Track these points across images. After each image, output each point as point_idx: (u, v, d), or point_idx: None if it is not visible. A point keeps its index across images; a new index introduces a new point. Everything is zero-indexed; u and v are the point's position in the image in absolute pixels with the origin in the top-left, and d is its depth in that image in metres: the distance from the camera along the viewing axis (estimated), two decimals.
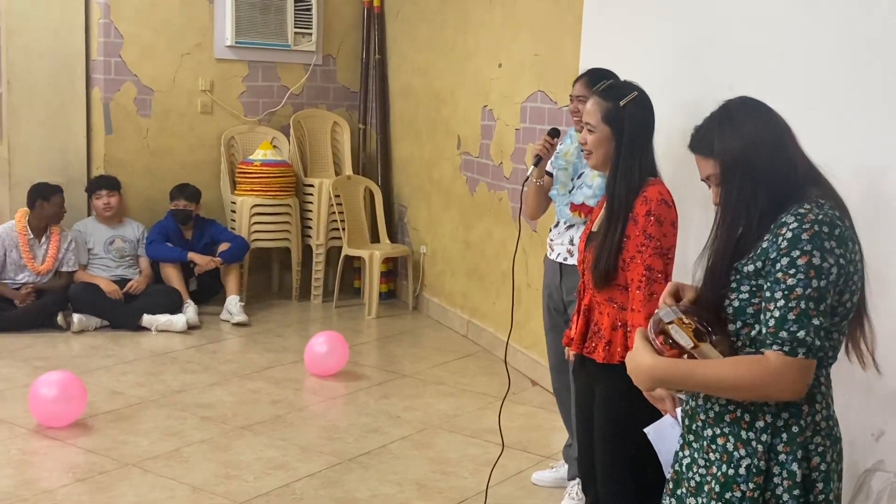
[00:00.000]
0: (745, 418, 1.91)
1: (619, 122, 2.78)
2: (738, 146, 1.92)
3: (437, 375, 5.46)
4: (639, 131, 2.80)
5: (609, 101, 2.81)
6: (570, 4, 4.90)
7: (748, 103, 1.99)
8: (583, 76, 3.54)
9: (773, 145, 1.91)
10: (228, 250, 6.50)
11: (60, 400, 4.37)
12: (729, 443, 1.93)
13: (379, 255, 6.71)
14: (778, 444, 1.89)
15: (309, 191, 7.06)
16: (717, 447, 1.95)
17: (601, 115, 2.81)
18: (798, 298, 1.79)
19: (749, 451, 1.91)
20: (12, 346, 5.62)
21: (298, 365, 5.49)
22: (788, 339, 1.79)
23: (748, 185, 1.90)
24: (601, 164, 2.86)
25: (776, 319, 1.81)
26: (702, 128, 2.01)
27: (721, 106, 2.00)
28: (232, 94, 7.01)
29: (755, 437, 1.90)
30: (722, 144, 1.94)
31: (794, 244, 1.81)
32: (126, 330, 6.03)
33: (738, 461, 1.91)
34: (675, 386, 1.95)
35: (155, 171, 6.71)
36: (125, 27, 6.54)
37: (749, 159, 1.90)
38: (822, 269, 1.80)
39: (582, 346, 2.94)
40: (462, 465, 4.17)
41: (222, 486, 3.86)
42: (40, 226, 6.09)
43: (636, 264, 2.71)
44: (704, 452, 1.98)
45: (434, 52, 6.59)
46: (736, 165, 1.91)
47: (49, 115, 6.48)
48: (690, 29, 3.89)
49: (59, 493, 3.74)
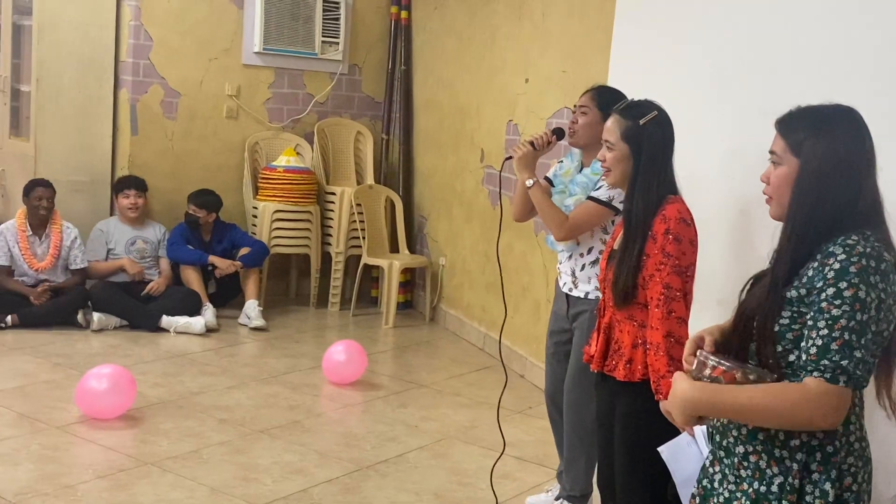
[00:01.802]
0: (780, 436, 1.92)
1: (638, 141, 2.80)
2: (825, 158, 1.91)
3: (453, 387, 5.48)
4: (657, 150, 2.81)
5: (629, 119, 2.83)
6: (600, 22, 4.93)
7: (853, 119, 1.96)
8: (591, 90, 3.57)
9: (854, 169, 1.91)
10: (248, 255, 6.53)
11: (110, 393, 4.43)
12: (762, 460, 1.94)
13: (398, 265, 6.74)
14: (812, 463, 1.90)
15: (330, 198, 7.09)
16: (749, 464, 1.96)
17: (620, 132, 2.83)
18: (842, 330, 1.80)
19: (782, 469, 1.91)
20: (33, 342, 5.66)
21: (316, 371, 5.51)
22: (831, 366, 1.80)
23: (817, 196, 1.90)
24: (620, 182, 2.88)
25: (818, 348, 1.82)
26: (799, 119, 1.97)
27: (827, 108, 1.97)
28: (258, 99, 7.06)
29: (789, 455, 1.91)
30: (811, 149, 1.92)
31: (842, 276, 1.82)
32: (145, 330, 6.07)
33: (771, 479, 1.92)
34: (710, 410, 1.94)
35: (178, 174, 6.76)
36: (155, 30, 6.60)
37: (829, 175, 1.90)
38: (866, 302, 1.81)
39: (602, 363, 2.95)
40: (479, 476, 4.17)
41: (241, 489, 3.88)
42: (34, 222, 6.13)
43: (655, 282, 2.73)
44: (735, 469, 1.99)
45: (460, 65, 6.63)
46: (814, 175, 1.91)
47: (76, 115, 6.54)
48: (721, 50, 3.91)
49: (79, 489, 3.76)
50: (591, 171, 3.50)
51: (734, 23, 3.85)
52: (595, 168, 3.47)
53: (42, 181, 6.12)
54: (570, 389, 3.60)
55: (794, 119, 1.98)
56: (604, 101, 3.48)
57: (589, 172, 3.51)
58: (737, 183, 3.73)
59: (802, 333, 1.87)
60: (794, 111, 2.00)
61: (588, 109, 3.51)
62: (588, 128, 3.49)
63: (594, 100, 3.51)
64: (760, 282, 2.00)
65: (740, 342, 1.99)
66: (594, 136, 3.43)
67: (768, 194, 2.01)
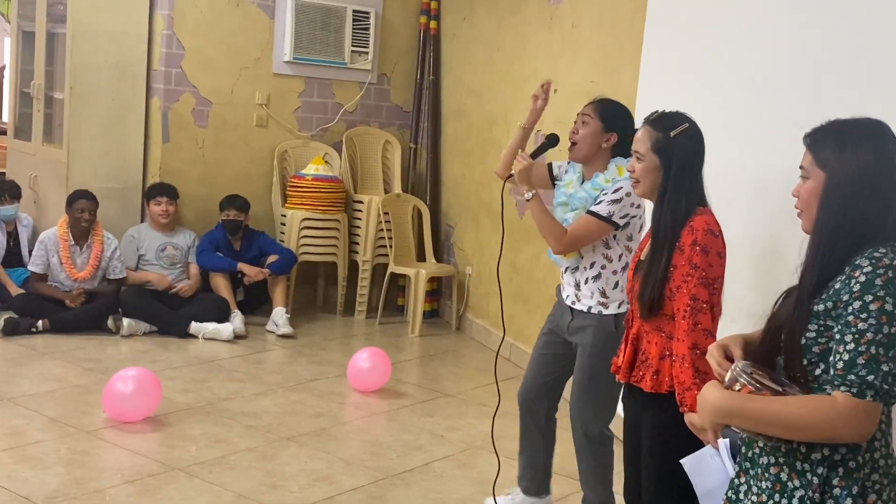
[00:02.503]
0: (802, 450, 1.91)
1: (668, 153, 2.80)
2: (850, 172, 1.90)
3: (479, 396, 5.47)
4: (687, 162, 2.81)
5: (659, 130, 2.82)
6: (630, 32, 4.93)
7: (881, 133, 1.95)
8: (595, 101, 3.53)
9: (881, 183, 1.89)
10: (277, 262, 6.57)
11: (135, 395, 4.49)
12: (783, 472, 1.93)
13: (424, 274, 6.75)
14: (834, 478, 1.89)
15: (358, 207, 7.13)
16: (769, 476, 1.95)
17: (650, 144, 2.82)
18: (868, 343, 1.79)
19: (803, 483, 1.90)
20: (64, 347, 5.72)
21: (342, 379, 5.53)
22: (857, 381, 1.79)
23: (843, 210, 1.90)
24: (649, 193, 2.87)
25: (845, 362, 1.81)
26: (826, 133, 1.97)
27: (855, 121, 1.97)
28: (287, 108, 7.11)
29: (811, 469, 1.90)
30: (837, 163, 1.92)
31: (868, 288, 1.81)
32: (174, 336, 6.12)
33: (792, 492, 1.91)
34: (739, 420, 1.93)
35: (209, 182, 6.82)
36: (187, 39, 6.67)
37: (855, 188, 1.89)
38: (893, 315, 1.79)
39: (629, 374, 2.94)
40: (505, 487, 4.16)
41: (267, 496, 3.90)
42: (76, 232, 6.20)
43: (681, 294, 2.72)
44: (758, 480, 1.99)
45: (489, 74, 6.64)
46: (840, 189, 1.90)
47: (108, 122, 6.61)
48: (751, 61, 3.90)
49: (107, 494, 3.80)
50: (591, 186, 3.46)
51: (764, 34, 3.84)
52: (595, 183, 3.45)
53: (85, 193, 6.20)
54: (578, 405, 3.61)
55: (822, 133, 1.97)
56: (607, 114, 3.46)
57: (589, 187, 3.47)
58: (768, 194, 3.72)
59: (828, 347, 1.86)
60: (822, 125, 1.99)
61: (590, 119, 3.46)
62: (589, 138, 3.44)
63: (597, 111, 3.47)
64: (791, 296, 2.00)
65: (768, 355, 1.99)
66: (594, 148, 3.44)
67: (799, 208, 2.01)
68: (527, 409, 3.80)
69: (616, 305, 3.48)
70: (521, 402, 3.83)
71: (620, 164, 3.41)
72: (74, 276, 6.16)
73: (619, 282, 3.48)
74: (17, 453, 4.10)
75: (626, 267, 3.47)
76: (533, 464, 3.86)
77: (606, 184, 3.40)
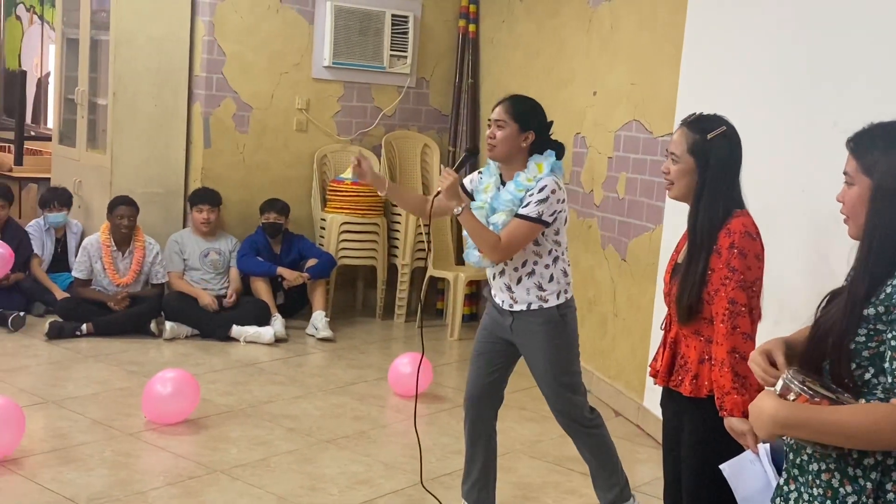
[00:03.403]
0: (854, 455, 1.88)
1: (705, 155, 2.77)
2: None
3: (518, 400, 5.45)
4: (724, 165, 2.77)
5: (696, 132, 2.80)
6: (670, 34, 4.90)
7: None
8: (504, 102, 3.49)
9: None
10: (316, 266, 6.61)
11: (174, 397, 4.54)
12: (834, 479, 1.91)
13: (464, 278, 6.75)
14: (887, 482, 1.86)
15: (397, 211, 7.14)
16: (821, 482, 1.93)
17: (687, 146, 2.79)
18: None
19: (856, 489, 1.88)
20: (108, 350, 5.80)
21: (381, 382, 5.54)
22: None
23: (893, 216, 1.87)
24: (683, 196, 2.84)
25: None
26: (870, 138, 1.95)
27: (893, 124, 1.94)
28: (327, 113, 7.15)
29: (863, 474, 1.88)
30: (884, 169, 1.89)
31: None
32: (215, 339, 6.17)
33: (844, 498, 1.89)
34: (797, 431, 1.89)
35: (250, 186, 6.87)
36: (228, 45, 6.73)
37: None
38: None
39: (668, 378, 2.92)
40: (544, 491, 4.16)
41: (307, 498, 3.92)
42: (117, 238, 6.27)
43: (720, 297, 2.69)
44: (809, 487, 1.96)
45: (528, 78, 6.63)
46: (889, 195, 1.88)
47: (151, 128, 6.69)
48: (793, 62, 3.86)
49: (150, 496, 3.84)
50: (515, 188, 3.43)
51: (806, 34, 3.80)
52: (518, 183, 3.42)
53: (125, 199, 6.28)
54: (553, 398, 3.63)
55: (865, 138, 1.95)
56: (521, 114, 3.44)
57: (513, 189, 3.43)
58: (811, 196, 3.67)
59: (879, 351, 1.84)
60: (865, 129, 1.96)
61: (505, 123, 3.43)
62: (507, 141, 3.42)
63: (510, 112, 3.44)
64: (837, 299, 1.97)
65: (814, 360, 1.96)
66: (514, 149, 3.42)
67: (845, 214, 1.98)
68: (476, 413, 3.74)
69: (555, 296, 3.49)
70: (467, 406, 3.76)
71: (539, 161, 3.43)
72: (117, 281, 6.24)
73: (553, 274, 3.48)
74: (62, 455, 4.16)
75: (557, 259, 3.49)
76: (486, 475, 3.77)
77: (529, 182, 3.40)
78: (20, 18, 10.68)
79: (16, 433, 4.04)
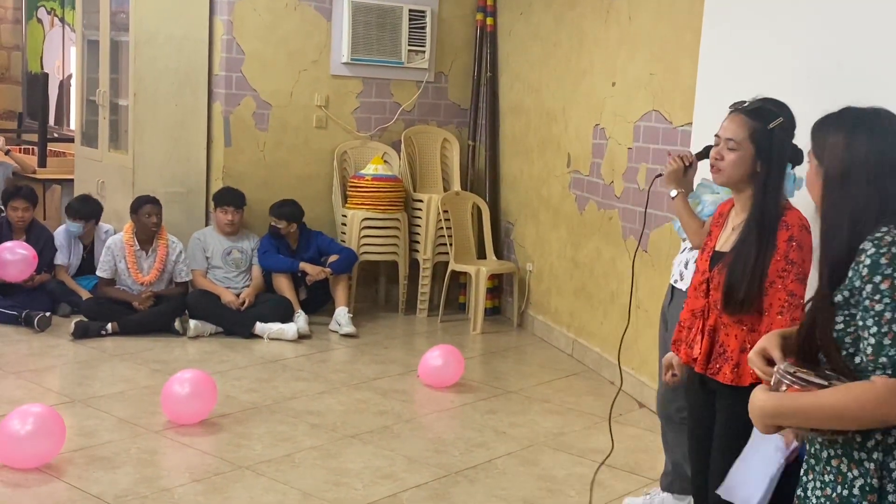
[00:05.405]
0: (857, 439, 1.91)
1: (767, 145, 2.75)
2: (836, 162, 1.96)
3: (542, 393, 5.46)
4: (785, 155, 2.78)
5: (757, 121, 2.78)
6: (689, 23, 4.87)
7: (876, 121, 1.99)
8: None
9: (875, 170, 1.92)
10: (338, 261, 6.62)
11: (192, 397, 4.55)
12: (843, 464, 1.94)
13: (485, 272, 6.75)
14: (890, 461, 1.89)
15: (418, 206, 7.15)
16: (831, 468, 1.96)
17: (748, 133, 2.76)
18: (889, 322, 1.81)
19: (862, 472, 1.90)
20: (133, 349, 5.84)
21: (405, 377, 5.56)
22: (889, 363, 1.80)
23: (839, 199, 1.94)
24: (732, 182, 2.82)
25: (873, 346, 1.82)
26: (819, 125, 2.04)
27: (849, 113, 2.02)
28: (346, 109, 7.16)
29: (867, 456, 1.90)
30: (828, 154, 1.98)
31: (875, 270, 1.83)
32: (239, 337, 6.20)
33: (852, 482, 1.92)
34: (790, 419, 1.95)
35: (270, 184, 6.90)
36: (247, 44, 6.75)
37: (844, 178, 1.94)
38: None
39: (706, 367, 2.91)
40: (569, 483, 4.16)
41: (331, 493, 3.93)
42: (142, 237, 6.31)
43: (776, 289, 2.70)
44: (821, 474, 1.99)
45: (547, 70, 6.61)
46: (832, 180, 1.95)
47: (172, 127, 6.73)
48: (814, 50, 3.82)
49: (176, 492, 3.87)
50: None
51: (827, 22, 3.76)
52: None
53: (150, 198, 6.31)
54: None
55: (818, 124, 2.04)
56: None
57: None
58: None
59: (859, 335, 1.87)
60: (821, 117, 2.04)
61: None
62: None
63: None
64: None
65: (809, 352, 2.00)
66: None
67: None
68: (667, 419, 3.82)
69: None
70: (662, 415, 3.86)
71: None
72: (140, 280, 6.29)
73: None
74: (88, 453, 4.19)
75: None
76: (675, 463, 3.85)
77: None
78: (41, 21, 10.75)
79: (56, 442, 4.06)
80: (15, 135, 10.35)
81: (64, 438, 4.09)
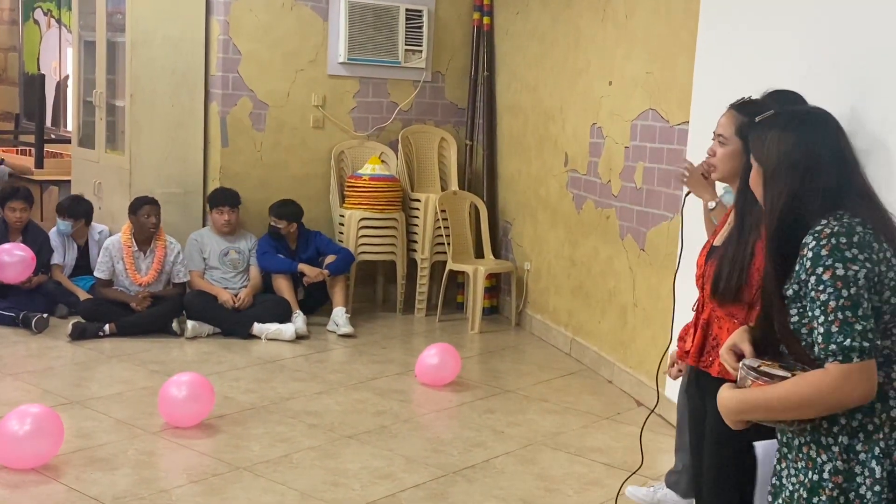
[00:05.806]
0: (824, 424, 1.98)
1: None
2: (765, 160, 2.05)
3: (540, 392, 5.46)
4: None
5: (745, 115, 2.79)
6: (685, 22, 4.87)
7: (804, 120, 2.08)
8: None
9: (802, 166, 2.00)
10: (335, 262, 6.62)
11: (189, 400, 4.54)
12: (812, 450, 2.00)
13: (483, 271, 6.74)
14: (856, 444, 1.95)
15: (415, 205, 7.15)
16: (802, 455, 2.02)
17: (735, 128, 2.79)
18: (834, 311, 1.88)
19: (830, 456, 1.96)
20: (130, 350, 5.84)
21: (403, 377, 5.55)
22: (839, 349, 1.87)
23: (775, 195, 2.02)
24: (728, 177, 2.85)
25: (823, 335, 1.89)
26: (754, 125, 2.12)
27: (782, 114, 2.10)
28: (343, 109, 7.16)
29: (833, 440, 1.96)
30: (759, 153, 2.07)
31: (817, 262, 1.90)
32: (237, 337, 6.20)
33: (822, 466, 1.98)
34: (752, 414, 2.03)
35: (268, 184, 6.89)
36: (243, 44, 6.75)
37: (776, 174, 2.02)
38: (847, 278, 1.88)
39: (698, 360, 2.91)
40: (567, 482, 4.16)
41: (330, 493, 3.93)
42: (140, 238, 6.31)
43: None
44: (794, 462, 2.05)
45: (544, 69, 6.61)
46: (771, 179, 2.03)
47: (168, 128, 6.72)
48: (811, 51, 3.82)
49: (174, 494, 3.86)
50: None
51: (826, 19, 3.76)
52: None
53: (149, 199, 6.30)
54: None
55: (753, 126, 2.13)
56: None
57: None
58: None
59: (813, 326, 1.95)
60: (758, 119, 2.13)
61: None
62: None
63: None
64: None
65: (771, 343, 2.08)
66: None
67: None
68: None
69: None
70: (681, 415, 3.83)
71: None
72: (138, 280, 6.28)
73: None
74: (86, 455, 4.19)
75: None
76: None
77: None
78: (38, 22, 10.74)
79: (55, 443, 4.05)
80: (12, 136, 10.34)
81: (62, 439, 4.09)
